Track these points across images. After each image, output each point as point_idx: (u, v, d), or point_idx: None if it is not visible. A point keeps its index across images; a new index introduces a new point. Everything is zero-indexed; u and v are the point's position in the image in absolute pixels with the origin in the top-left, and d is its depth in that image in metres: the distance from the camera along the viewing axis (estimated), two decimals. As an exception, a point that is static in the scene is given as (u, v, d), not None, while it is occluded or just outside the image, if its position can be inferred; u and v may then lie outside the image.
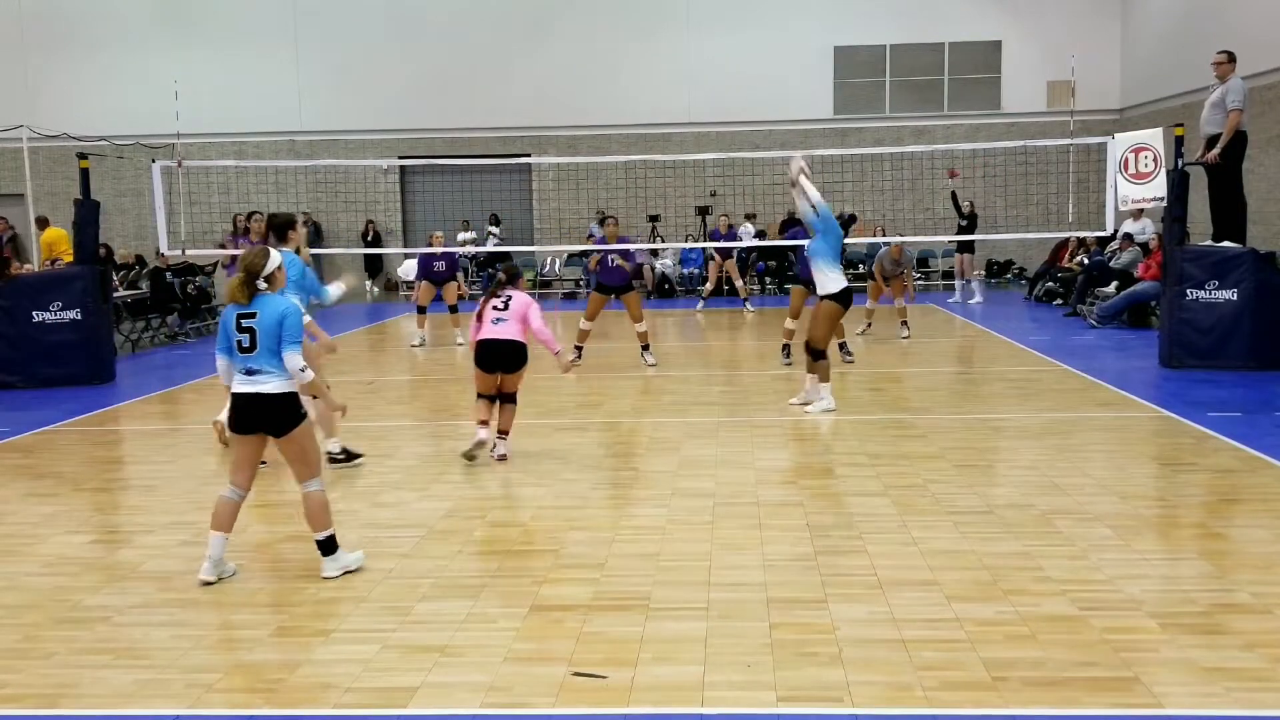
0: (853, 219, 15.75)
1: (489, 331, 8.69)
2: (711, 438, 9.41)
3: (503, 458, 8.73)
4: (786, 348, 13.64)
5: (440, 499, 7.67)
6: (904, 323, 16.15)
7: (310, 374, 5.92)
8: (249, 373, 5.88)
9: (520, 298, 8.82)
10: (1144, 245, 17.81)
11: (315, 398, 6.90)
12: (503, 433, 8.83)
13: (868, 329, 16.41)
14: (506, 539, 6.65)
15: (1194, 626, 5.03)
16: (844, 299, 10.25)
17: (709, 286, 22.19)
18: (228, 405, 6.09)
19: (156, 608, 5.60)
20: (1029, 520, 6.78)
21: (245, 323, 5.87)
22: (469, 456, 8.64)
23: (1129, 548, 6.24)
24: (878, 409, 10.68)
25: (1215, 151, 12.32)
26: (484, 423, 8.71)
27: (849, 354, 13.68)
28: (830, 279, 10.24)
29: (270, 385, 5.86)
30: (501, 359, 8.67)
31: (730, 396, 11.56)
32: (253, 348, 5.85)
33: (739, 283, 21.38)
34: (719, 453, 8.83)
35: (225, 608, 5.56)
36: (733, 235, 21.53)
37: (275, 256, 6.03)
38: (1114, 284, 17.70)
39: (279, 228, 8.27)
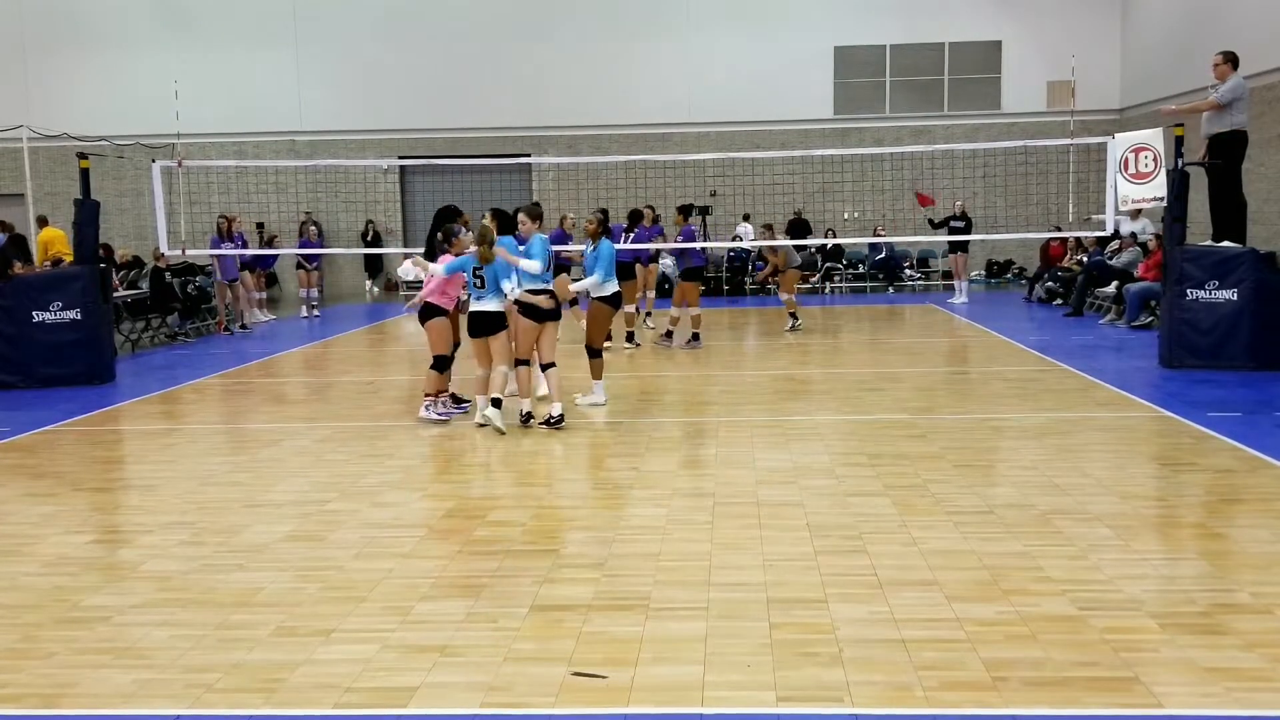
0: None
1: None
2: (711, 437, 9.42)
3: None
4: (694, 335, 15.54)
5: (441, 499, 7.67)
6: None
7: (515, 292, 9.73)
8: (479, 299, 9.83)
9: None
10: (1144, 245, 17.81)
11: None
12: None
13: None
14: (507, 539, 6.64)
15: (1194, 626, 5.03)
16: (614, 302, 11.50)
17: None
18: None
19: (156, 607, 5.60)
20: (1029, 520, 6.77)
21: (479, 272, 9.79)
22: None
23: (1129, 548, 6.23)
24: (878, 409, 10.68)
25: (1204, 133, 12.27)
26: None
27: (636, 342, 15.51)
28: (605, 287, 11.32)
29: (491, 306, 9.82)
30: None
31: (730, 396, 11.56)
32: (484, 286, 9.82)
33: (650, 293, 18.47)
34: (719, 452, 8.84)
35: (224, 607, 5.56)
36: (656, 232, 17.38)
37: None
38: (1114, 284, 17.69)
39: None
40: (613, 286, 11.33)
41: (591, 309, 11.43)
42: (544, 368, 10.05)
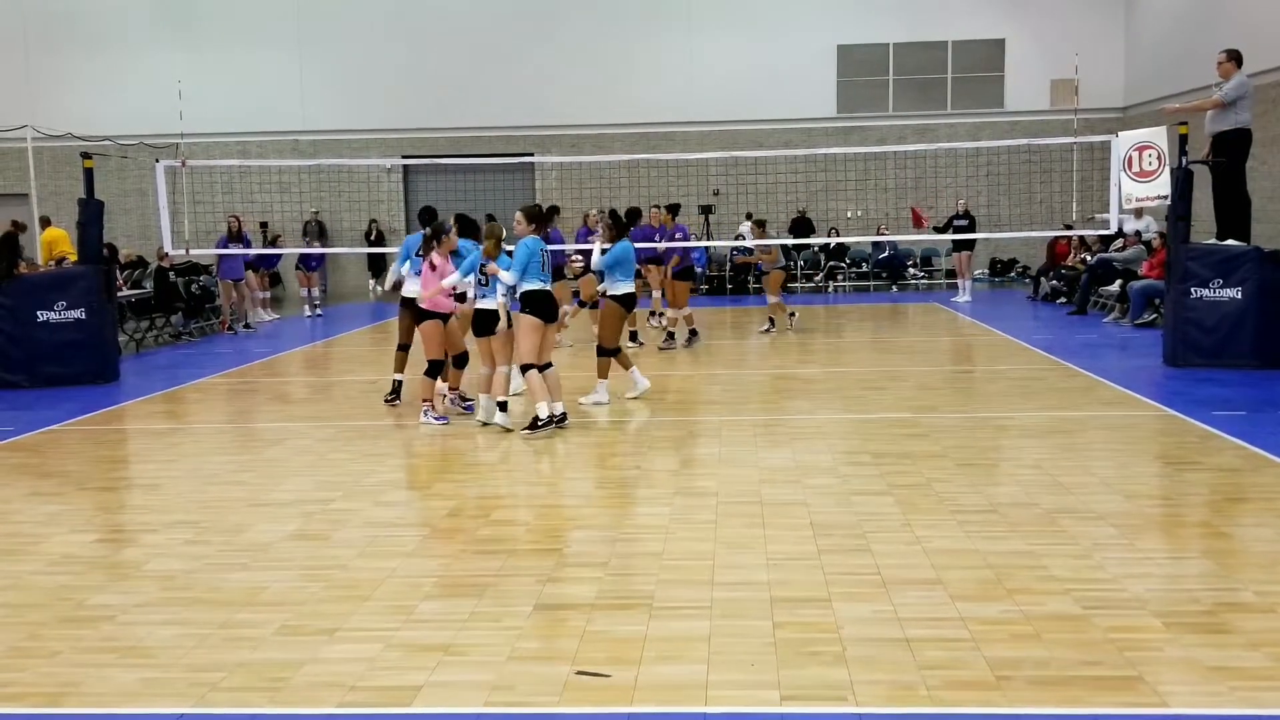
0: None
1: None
2: (714, 436, 9.41)
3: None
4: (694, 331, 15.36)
5: (444, 498, 7.67)
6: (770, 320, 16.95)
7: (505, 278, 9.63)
8: (484, 298, 9.78)
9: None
10: (1148, 244, 17.79)
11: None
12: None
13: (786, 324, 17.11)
14: (510, 538, 6.65)
15: (1198, 625, 5.02)
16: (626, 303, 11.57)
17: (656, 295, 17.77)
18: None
19: (160, 606, 5.61)
20: (1033, 519, 6.77)
21: (485, 269, 9.70)
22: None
23: (1133, 547, 6.23)
24: (880, 407, 10.68)
25: (1208, 131, 12.25)
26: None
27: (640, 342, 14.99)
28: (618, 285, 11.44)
29: (489, 304, 9.76)
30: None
31: (732, 395, 11.56)
32: (487, 284, 9.75)
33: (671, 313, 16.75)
34: (722, 451, 8.83)
35: (228, 606, 5.56)
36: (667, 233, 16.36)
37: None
38: (1117, 282, 17.67)
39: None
40: (627, 286, 11.28)
41: (605, 308, 11.41)
42: (541, 369, 9.82)
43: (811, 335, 16.73)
